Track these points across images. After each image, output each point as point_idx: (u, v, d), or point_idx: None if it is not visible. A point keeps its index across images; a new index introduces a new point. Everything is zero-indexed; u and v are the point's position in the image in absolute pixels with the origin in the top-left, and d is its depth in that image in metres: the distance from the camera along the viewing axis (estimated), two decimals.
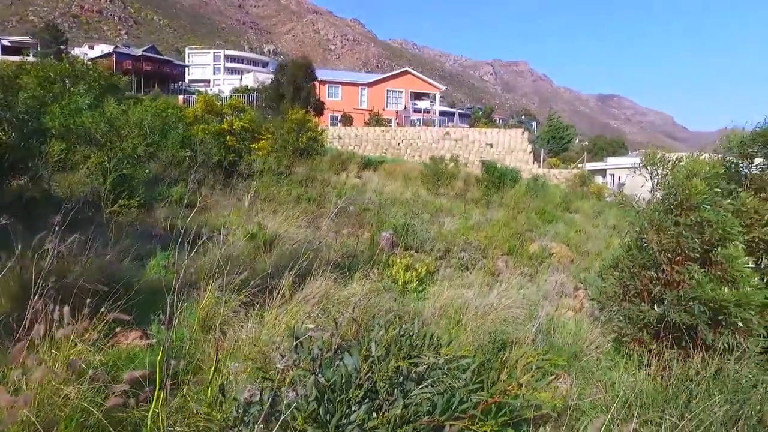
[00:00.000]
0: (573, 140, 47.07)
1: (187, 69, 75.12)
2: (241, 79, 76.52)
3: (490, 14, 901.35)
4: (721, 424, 3.04)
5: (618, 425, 3.28)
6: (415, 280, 6.82)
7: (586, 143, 57.34)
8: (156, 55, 59.53)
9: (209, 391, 2.49)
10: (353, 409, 2.30)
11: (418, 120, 47.47)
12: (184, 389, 2.66)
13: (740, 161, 4.85)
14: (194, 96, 38.00)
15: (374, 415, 2.20)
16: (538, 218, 13.69)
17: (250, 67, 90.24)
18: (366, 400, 2.34)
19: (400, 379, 2.41)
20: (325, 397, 2.30)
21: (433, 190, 17.32)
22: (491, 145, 33.26)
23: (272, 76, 36.85)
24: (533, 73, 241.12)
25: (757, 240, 4.20)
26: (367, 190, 16.22)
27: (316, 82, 40.97)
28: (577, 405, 3.93)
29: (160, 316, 2.90)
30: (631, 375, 4.44)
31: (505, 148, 32.93)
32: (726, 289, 3.85)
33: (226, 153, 13.60)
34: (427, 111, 51.91)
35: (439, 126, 43.54)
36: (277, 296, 4.64)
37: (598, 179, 32.53)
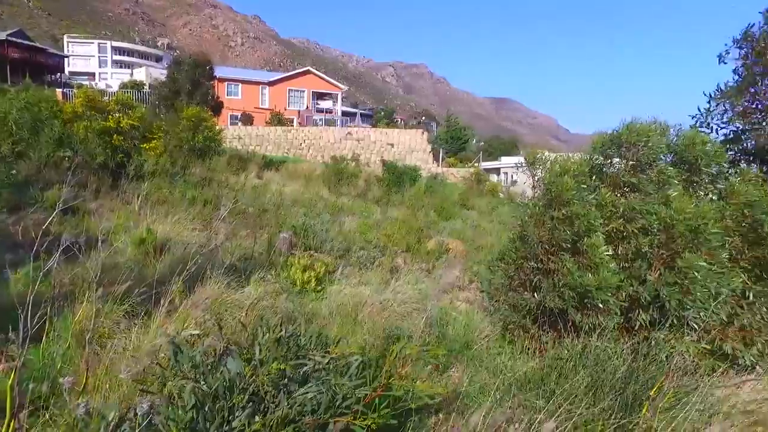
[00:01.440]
0: (470, 141, 49.50)
1: (66, 60, 68.14)
2: (131, 74, 71.03)
3: (391, 16, 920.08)
4: (584, 394, 3.38)
5: (501, 406, 3.52)
6: (313, 280, 6.79)
7: (482, 143, 60.50)
8: (25, 41, 52.75)
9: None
10: (236, 414, 2.25)
11: (321, 120, 47.24)
12: (47, 414, 2.43)
13: (603, 161, 5.39)
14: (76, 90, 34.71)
15: (256, 418, 2.17)
16: (436, 215, 14.22)
17: (142, 61, 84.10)
18: (250, 405, 2.29)
19: (285, 381, 2.39)
20: (207, 405, 2.22)
21: (334, 189, 17.34)
22: (392, 145, 33.99)
23: (167, 71, 34.68)
24: (433, 75, 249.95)
25: (614, 230, 4.69)
26: (267, 190, 15.84)
27: (214, 80, 39.22)
28: (468, 391, 4.16)
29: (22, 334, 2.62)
30: (516, 359, 4.78)
31: (406, 148, 33.81)
32: (589, 275, 4.27)
33: (113, 153, 12.55)
34: (329, 111, 51.82)
35: (342, 126, 43.68)
36: (164, 303, 4.39)
37: (493, 177, 34.54)
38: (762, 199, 4.66)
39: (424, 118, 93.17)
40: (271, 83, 50.08)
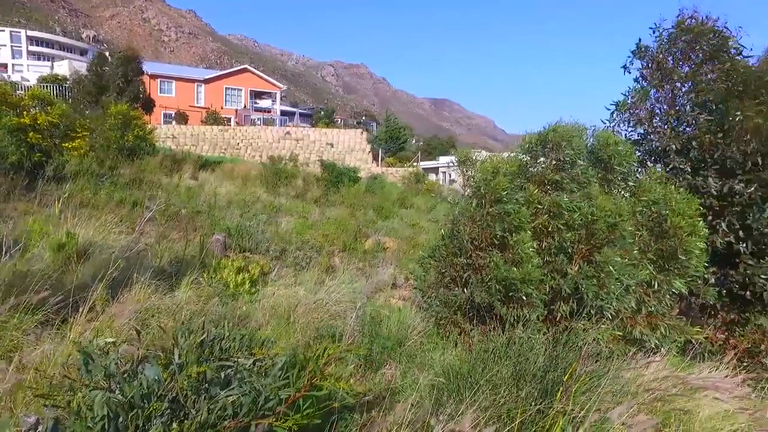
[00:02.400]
0: (409, 140, 50.17)
1: None
2: (52, 67, 66.27)
3: (331, 16, 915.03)
4: (508, 383, 3.54)
5: (429, 399, 3.63)
6: (247, 282, 6.66)
7: (421, 143, 61.50)
8: None
9: None
10: (153, 422, 2.19)
11: (259, 119, 46.28)
12: None
13: (530, 160, 5.65)
14: None
15: (173, 425, 2.12)
16: (375, 215, 14.33)
17: (65, 53, 78.64)
18: (168, 411, 2.24)
19: (206, 385, 2.35)
20: (120, 415, 2.14)
21: (272, 190, 17.06)
22: (332, 145, 33.88)
23: (91, 65, 32.68)
24: (373, 75, 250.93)
25: (540, 226, 4.94)
26: (202, 191, 15.36)
27: (146, 76, 37.50)
28: (401, 387, 4.24)
29: None
30: (447, 353, 4.92)
31: (345, 148, 33.80)
32: (514, 269, 4.47)
33: (29, 152, 11.70)
34: (268, 110, 50.86)
35: (281, 126, 43.03)
36: (84, 311, 4.18)
37: (432, 177, 35.19)
38: (666, 197, 5.06)
39: (364, 118, 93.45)
40: (207, 81, 48.48)
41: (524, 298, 4.49)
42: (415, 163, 38.47)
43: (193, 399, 2.32)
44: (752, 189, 5.73)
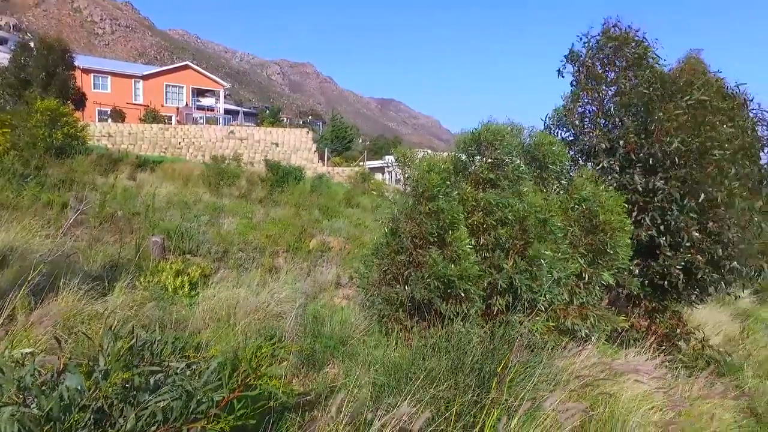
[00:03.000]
0: (355, 140, 50.15)
1: None
2: None
3: (277, 13, 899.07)
4: (447, 376, 3.64)
5: (370, 395, 3.66)
6: (186, 285, 6.47)
7: (368, 143, 61.64)
8: None
9: None
10: None
11: (202, 118, 44.84)
12: None
13: (466, 158, 5.80)
14: None
15: None
16: (320, 214, 14.24)
17: None
18: (92, 422, 2.14)
19: (134, 392, 2.27)
20: (35, 431, 2.03)
21: (215, 190, 16.61)
22: (277, 145, 33.36)
23: (12, 56, 30.48)
24: (319, 75, 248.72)
25: (476, 223, 5.08)
26: (140, 192, 14.73)
27: (78, 70, 35.43)
28: (344, 385, 4.25)
29: None
30: (390, 350, 4.97)
31: (291, 148, 33.38)
32: (453, 266, 4.58)
33: None
34: (211, 108, 49.36)
35: (224, 125, 41.91)
36: (0, 320, 3.92)
37: (378, 176, 35.37)
38: (596, 195, 5.34)
39: (310, 117, 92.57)
40: (145, 77, 46.37)
41: (462, 294, 4.61)
42: (361, 163, 38.53)
43: (120, 407, 2.24)
44: (671, 186, 6.15)
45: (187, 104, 47.22)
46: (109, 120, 36.27)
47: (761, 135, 6.56)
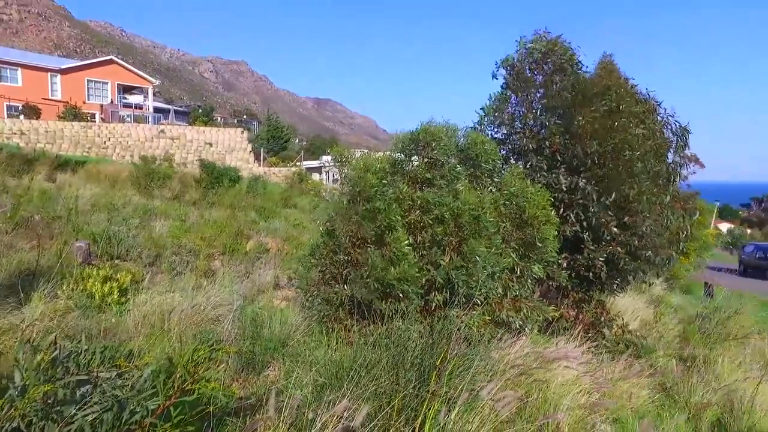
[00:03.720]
0: (292, 140, 49.45)
1: None
2: None
3: (207, 8, 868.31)
4: (387, 372, 3.70)
5: (312, 395, 3.66)
6: (116, 291, 6.14)
7: (305, 143, 60.97)
8: None
9: None
10: None
11: (129, 116, 42.50)
12: None
13: (403, 158, 5.90)
14: None
15: None
16: (257, 216, 13.96)
17: None
18: None
19: (57, 407, 2.15)
20: None
21: (145, 192, 15.85)
22: (211, 145, 32.30)
23: None
24: (254, 73, 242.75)
25: (413, 221, 5.19)
26: (62, 195, 13.79)
27: None
28: (285, 387, 4.21)
29: None
30: (331, 350, 4.98)
31: (226, 148, 32.44)
32: (392, 268, 4.66)
33: None
34: (139, 106, 46.89)
35: (154, 123, 40.00)
36: None
37: (316, 176, 35.11)
38: (524, 190, 5.60)
39: (245, 116, 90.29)
40: (64, 71, 43.17)
41: (401, 294, 4.70)
42: (298, 163, 38.09)
43: (41, 425, 2.11)
44: (592, 184, 6.57)
45: (112, 101, 44.60)
46: (21, 117, 33.56)
47: (668, 137, 7.15)
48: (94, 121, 37.16)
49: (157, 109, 50.82)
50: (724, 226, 59.21)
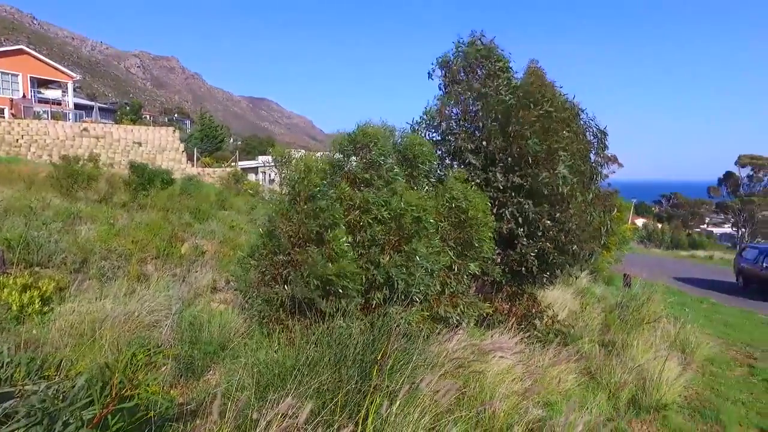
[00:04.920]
0: (227, 140, 48.05)
1: None
2: None
3: (135, 2, 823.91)
4: (330, 369, 3.75)
5: (254, 396, 3.64)
6: (37, 301, 5.78)
7: (240, 143, 59.45)
8: None
9: None
10: None
11: (46, 112, 39.58)
12: None
13: (342, 159, 5.96)
14: None
15: None
16: (192, 218, 13.52)
17: None
18: None
19: None
20: None
21: (68, 194, 14.90)
22: (140, 144, 30.80)
23: None
24: (185, 70, 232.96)
25: (353, 221, 5.27)
26: None
27: None
28: (226, 390, 4.15)
29: None
30: (272, 351, 4.95)
31: (156, 148, 31.04)
32: (330, 264, 4.71)
33: None
34: (57, 102, 43.73)
35: (76, 121, 37.55)
36: None
37: (252, 177, 34.37)
38: (464, 192, 5.83)
39: (176, 115, 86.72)
40: None
41: (341, 291, 4.77)
42: (233, 163, 37.10)
43: None
44: (528, 183, 6.92)
45: (25, 96, 41.35)
46: None
47: (590, 139, 7.67)
48: (3, 117, 34.37)
49: (78, 106, 47.69)
50: (640, 222, 63.67)
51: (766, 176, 63.92)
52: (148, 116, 66.16)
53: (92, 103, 54.96)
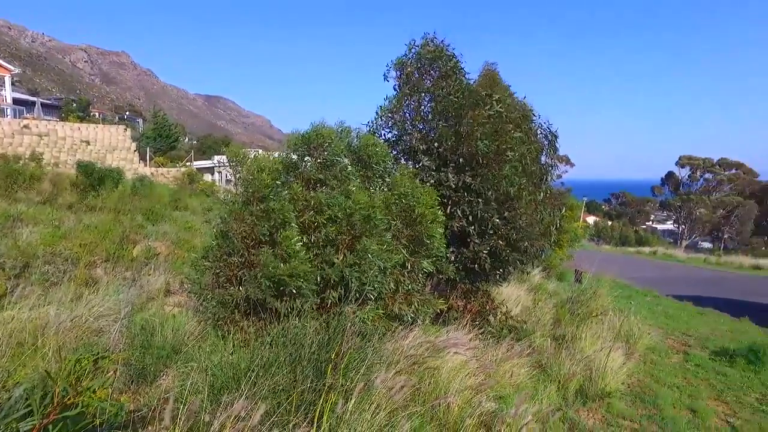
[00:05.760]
0: (181, 139, 46.69)
1: None
2: None
3: None
4: (285, 369, 3.77)
5: (209, 399, 3.61)
6: None
7: (195, 142, 57.94)
8: None
9: None
10: None
11: None
12: None
13: (296, 159, 5.95)
14: None
15: None
16: (144, 219, 13.12)
17: None
18: None
19: None
20: None
21: (7, 195, 14.17)
22: (88, 143, 29.52)
23: None
24: (137, 66, 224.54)
25: (307, 221, 5.28)
26: None
27: None
28: (179, 394, 4.09)
29: None
30: (227, 353, 4.90)
31: (106, 147, 29.84)
32: (283, 265, 4.71)
33: None
34: None
35: (15, 117, 35.59)
36: None
37: (208, 177, 33.58)
38: (414, 190, 5.92)
39: (127, 113, 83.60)
40: None
41: (295, 291, 4.77)
42: (188, 163, 36.13)
43: None
44: (478, 182, 7.09)
45: None
46: None
47: (541, 141, 7.94)
48: None
49: (18, 101, 45.13)
50: (592, 219, 66.15)
51: (702, 176, 67.63)
52: (97, 114, 63.44)
53: (34, 99, 52.19)
